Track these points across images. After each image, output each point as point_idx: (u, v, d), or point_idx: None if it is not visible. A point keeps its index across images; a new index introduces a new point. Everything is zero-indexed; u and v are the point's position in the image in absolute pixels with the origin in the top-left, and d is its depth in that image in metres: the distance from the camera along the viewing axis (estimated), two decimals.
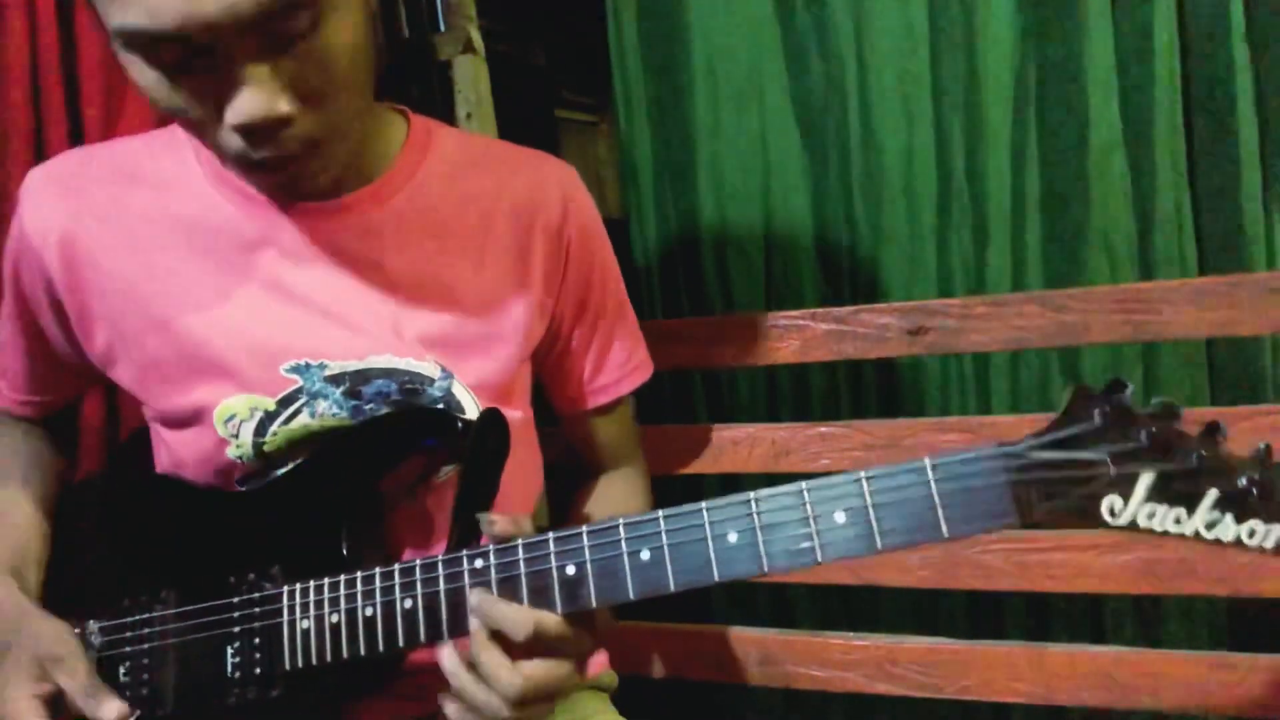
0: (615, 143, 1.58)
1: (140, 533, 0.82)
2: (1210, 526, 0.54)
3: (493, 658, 0.64)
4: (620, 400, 0.95)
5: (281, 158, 0.67)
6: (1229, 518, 0.54)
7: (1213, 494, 0.54)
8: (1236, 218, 1.22)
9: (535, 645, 0.64)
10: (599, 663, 0.99)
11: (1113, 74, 1.23)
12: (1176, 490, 0.55)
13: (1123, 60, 1.23)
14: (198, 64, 0.61)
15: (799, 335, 1.16)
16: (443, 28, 1.59)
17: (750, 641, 1.19)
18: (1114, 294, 1.03)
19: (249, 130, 0.63)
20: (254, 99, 0.62)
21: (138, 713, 0.73)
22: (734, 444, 1.19)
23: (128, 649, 0.77)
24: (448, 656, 0.66)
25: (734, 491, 0.62)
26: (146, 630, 0.77)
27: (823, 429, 1.15)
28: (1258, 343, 1.23)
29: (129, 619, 0.78)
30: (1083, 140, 1.25)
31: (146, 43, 0.60)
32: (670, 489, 1.61)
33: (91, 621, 0.78)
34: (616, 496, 0.96)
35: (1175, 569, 1.00)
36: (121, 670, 0.77)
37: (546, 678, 0.64)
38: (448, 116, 1.54)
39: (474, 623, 0.65)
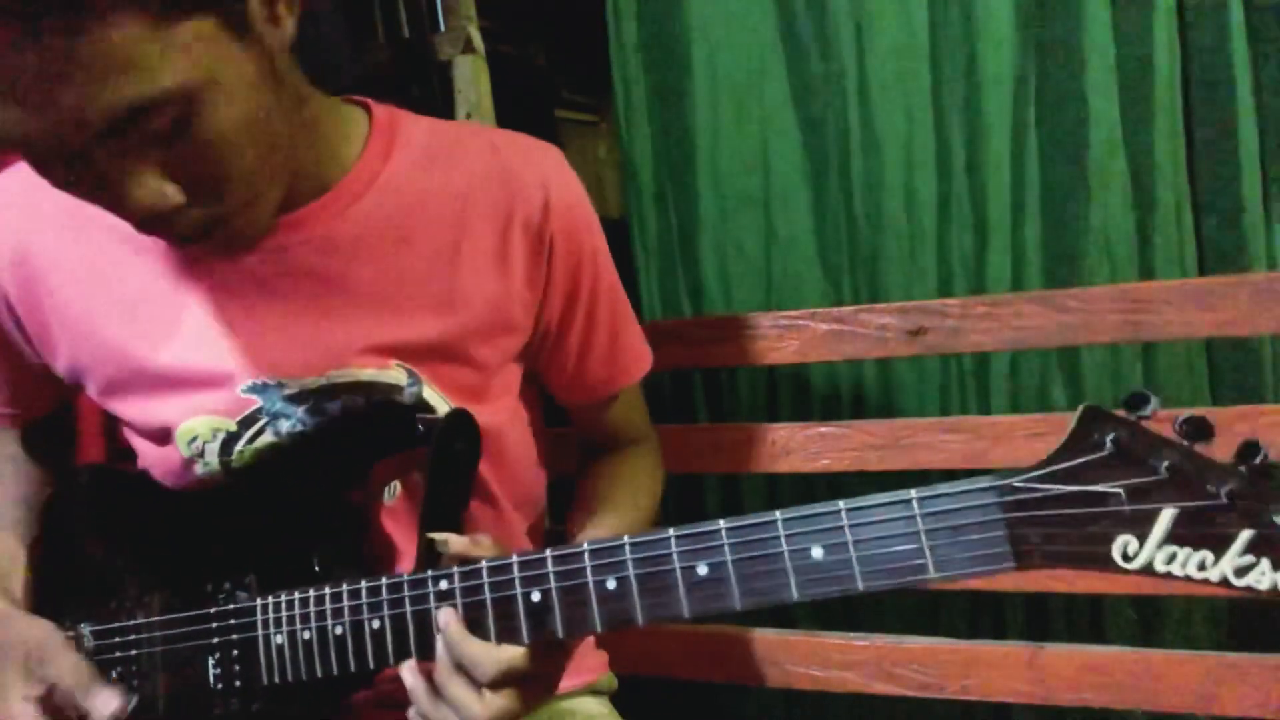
0: (615, 143, 1.58)
1: (124, 533, 0.81)
2: (1241, 573, 0.46)
3: (458, 687, 0.63)
4: (619, 392, 0.92)
5: (187, 236, 0.64)
6: (1265, 563, 0.46)
7: (1246, 535, 0.46)
8: (1236, 218, 1.22)
9: (502, 681, 0.63)
10: (598, 664, 0.98)
11: (1113, 74, 1.23)
12: (1202, 530, 0.47)
13: (1123, 60, 1.23)
14: (66, 165, 0.58)
15: (799, 335, 1.16)
16: (443, 28, 1.60)
17: (750, 641, 1.19)
18: (1114, 294, 1.03)
19: (135, 224, 0.61)
20: (132, 198, 0.59)
21: (135, 699, 0.72)
22: (734, 444, 1.19)
23: (117, 654, 0.77)
24: (409, 673, 0.65)
25: (733, 491, 0.61)
26: (134, 636, 0.77)
27: (823, 429, 1.15)
28: (1258, 343, 1.23)
29: (117, 624, 0.78)
30: (1083, 140, 1.25)
31: (8, 151, 0.57)
32: (670, 489, 1.61)
33: (84, 625, 0.78)
34: (624, 477, 0.92)
35: None
36: (112, 676, 0.77)
37: (511, 707, 0.63)
38: (447, 116, 1.54)
39: (440, 646, 0.64)
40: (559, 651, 0.67)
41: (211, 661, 0.73)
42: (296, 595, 0.70)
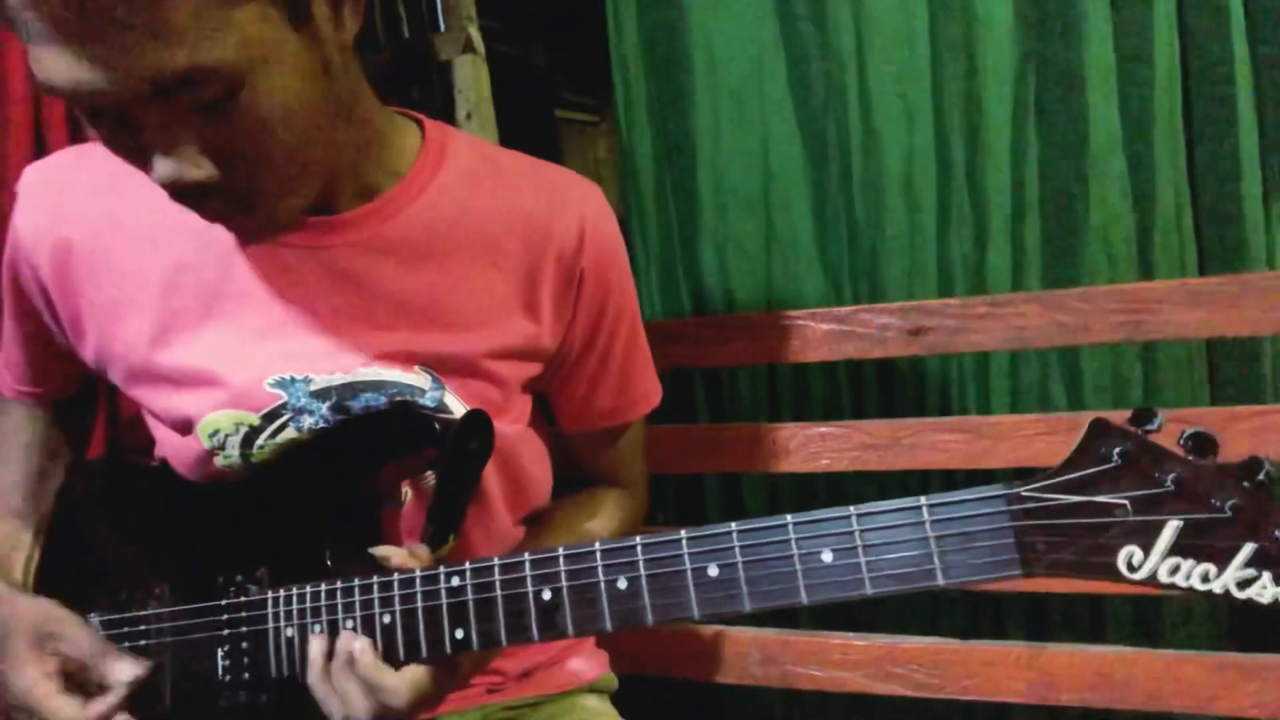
0: (615, 143, 1.58)
1: (135, 524, 0.82)
2: (1243, 585, 0.47)
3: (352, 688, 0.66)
4: (624, 426, 0.92)
5: (214, 214, 0.65)
6: (1266, 576, 0.47)
7: (1248, 549, 0.47)
8: (1236, 218, 1.22)
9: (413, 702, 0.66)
10: (598, 664, 0.98)
11: (1113, 74, 1.23)
12: (1205, 542, 0.48)
13: (1123, 60, 1.23)
14: (112, 120, 0.59)
15: (799, 335, 1.16)
16: (443, 28, 1.60)
17: (750, 641, 1.19)
18: (1114, 294, 1.03)
19: (168, 190, 0.62)
20: (165, 164, 0.59)
21: (150, 664, 0.72)
22: (734, 444, 1.19)
23: (125, 645, 0.77)
24: (317, 642, 0.69)
25: (734, 491, 0.61)
26: (143, 627, 0.77)
27: (823, 429, 1.15)
28: (1258, 343, 1.24)
29: (126, 614, 0.78)
30: (1083, 140, 1.25)
31: (58, 96, 0.58)
32: (671, 489, 1.61)
33: (93, 615, 0.79)
34: (584, 503, 0.92)
35: None
36: None
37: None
38: (448, 117, 1.55)
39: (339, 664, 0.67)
40: (454, 674, 0.69)
41: (221, 653, 0.73)
42: (308, 589, 0.71)
